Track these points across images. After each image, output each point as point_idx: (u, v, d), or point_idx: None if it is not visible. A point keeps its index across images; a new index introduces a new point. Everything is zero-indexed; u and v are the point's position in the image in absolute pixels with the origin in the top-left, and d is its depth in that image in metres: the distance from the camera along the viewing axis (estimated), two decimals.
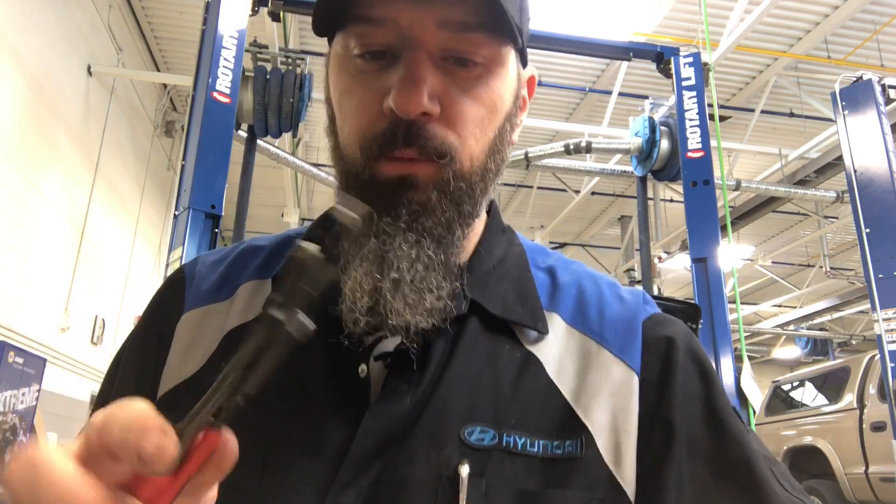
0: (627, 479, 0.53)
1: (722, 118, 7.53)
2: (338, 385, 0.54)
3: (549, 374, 0.56)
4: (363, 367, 0.54)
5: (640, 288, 0.67)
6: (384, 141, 0.54)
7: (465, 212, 0.56)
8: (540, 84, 6.46)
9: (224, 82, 4.08)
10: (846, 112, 4.91)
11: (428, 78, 0.53)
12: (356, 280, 0.53)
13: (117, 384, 0.64)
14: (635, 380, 0.56)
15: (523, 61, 0.62)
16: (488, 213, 0.66)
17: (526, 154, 6.30)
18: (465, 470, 0.50)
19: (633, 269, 9.35)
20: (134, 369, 0.64)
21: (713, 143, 4.82)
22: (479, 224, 0.63)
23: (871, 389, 5.98)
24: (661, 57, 5.28)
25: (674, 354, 0.58)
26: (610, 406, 0.55)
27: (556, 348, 0.58)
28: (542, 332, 0.58)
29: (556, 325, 0.59)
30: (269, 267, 0.64)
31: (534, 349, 0.57)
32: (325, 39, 0.60)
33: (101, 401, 0.64)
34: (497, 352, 0.56)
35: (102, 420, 0.34)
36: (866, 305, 9.98)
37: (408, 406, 0.52)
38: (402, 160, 0.54)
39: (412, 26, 0.52)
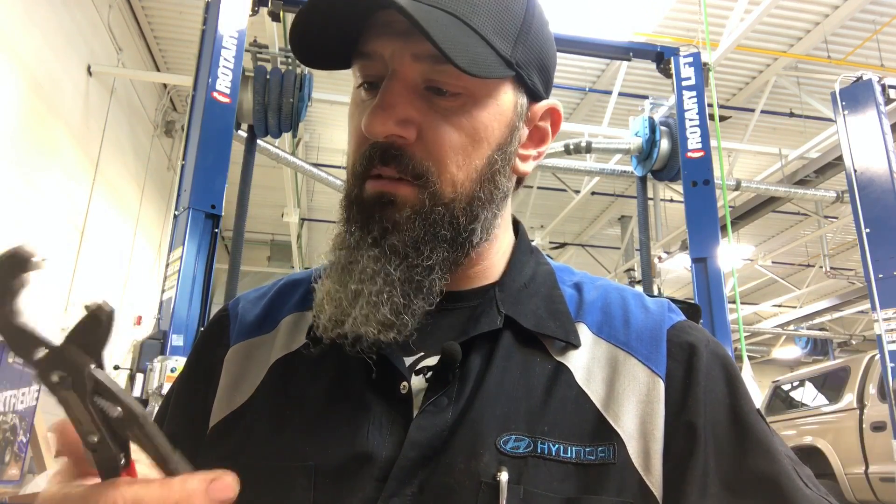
0: (656, 483, 0.55)
1: (722, 118, 7.54)
2: (381, 400, 0.58)
3: (578, 382, 0.58)
4: (405, 384, 0.58)
5: (664, 297, 0.68)
6: (365, 160, 0.58)
7: (440, 236, 0.58)
8: None
9: (224, 82, 4.08)
10: (846, 112, 4.91)
11: (398, 105, 0.56)
12: (324, 290, 0.59)
13: (168, 422, 0.68)
14: (661, 386, 0.58)
15: (530, 91, 0.63)
16: (516, 235, 0.70)
17: None
18: (504, 477, 0.52)
19: (633, 269, 9.36)
20: (183, 406, 0.68)
21: (713, 143, 4.82)
22: (508, 245, 0.68)
23: (871, 389, 5.97)
24: (661, 57, 5.29)
25: (697, 360, 0.59)
26: (639, 412, 0.57)
27: (584, 358, 0.60)
28: (575, 344, 0.60)
29: (584, 335, 0.61)
30: (308, 299, 0.68)
31: (563, 359, 0.59)
32: None
33: None
34: (529, 363, 0.59)
35: None
36: (866, 305, 9.97)
37: (449, 418, 0.56)
38: (384, 179, 0.58)
39: (393, 58, 0.57)
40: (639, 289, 0.70)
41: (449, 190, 0.58)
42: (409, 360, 0.59)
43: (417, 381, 0.58)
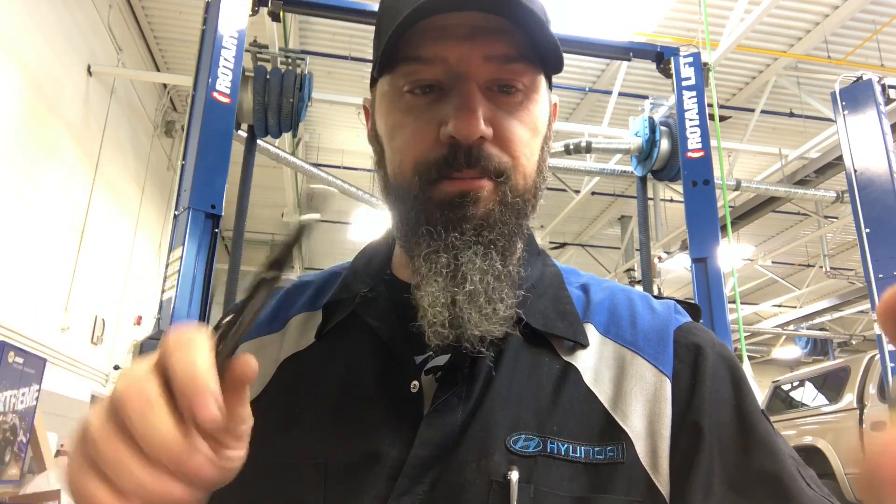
0: (664, 482, 0.55)
1: (722, 118, 7.54)
2: (391, 399, 0.58)
3: (586, 382, 0.59)
4: (415, 382, 0.58)
5: (671, 299, 0.69)
6: (444, 165, 0.58)
7: (522, 225, 0.61)
8: None
9: (224, 82, 4.08)
10: (846, 112, 4.91)
11: (481, 105, 0.57)
12: (433, 295, 0.57)
13: None
14: (668, 385, 0.59)
15: (550, 87, 0.67)
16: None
17: None
18: (514, 475, 0.53)
19: (633, 269, 9.35)
20: None
21: (713, 143, 4.82)
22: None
23: (871, 389, 5.97)
24: (661, 57, 5.28)
25: (703, 361, 0.60)
26: (646, 412, 0.57)
27: (591, 358, 0.61)
28: (584, 344, 0.61)
29: (591, 335, 0.62)
30: (317, 300, 0.69)
31: (571, 359, 0.60)
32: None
33: None
34: (538, 363, 0.60)
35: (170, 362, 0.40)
36: (866, 305, 9.99)
37: (459, 417, 0.56)
38: (463, 179, 0.58)
39: (460, 62, 0.57)
40: (639, 289, 0.72)
41: (522, 182, 0.60)
42: (418, 359, 0.60)
43: (427, 381, 0.59)
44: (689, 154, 4.86)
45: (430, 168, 0.58)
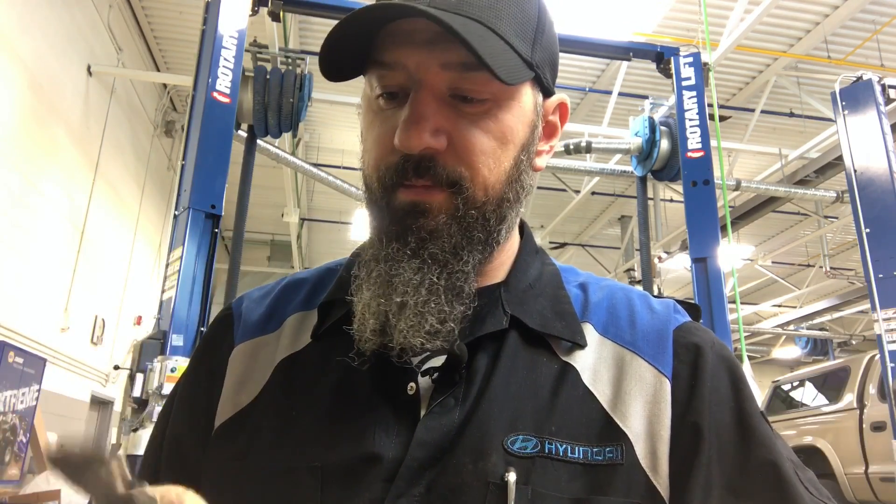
0: (663, 483, 0.55)
1: (722, 118, 7.54)
2: (388, 401, 0.58)
3: (585, 382, 0.58)
4: (412, 384, 0.58)
5: (670, 298, 0.68)
6: (396, 172, 0.57)
7: (475, 238, 0.59)
8: None
9: (224, 82, 4.08)
10: (846, 112, 4.91)
11: (430, 116, 0.56)
12: (365, 302, 0.57)
13: (172, 422, 0.69)
14: (667, 386, 0.58)
15: (545, 90, 0.64)
16: (521, 235, 0.70)
17: None
18: (512, 477, 0.52)
19: (633, 269, 9.35)
20: (188, 407, 0.68)
21: (713, 143, 4.83)
22: (514, 246, 0.68)
23: (871, 389, 5.97)
24: (661, 57, 5.28)
25: (702, 361, 0.60)
26: (646, 413, 0.57)
27: (590, 358, 0.60)
28: (581, 344, 0.60)
29: (590, 335, 0.62)
30: (312, 299, 0.68)
31: (569, 359, 0.60)
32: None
33: (156, 441, 0.69)
34: (536, 364, 0.59)
35: None
36: (866, 305, 9.97)
37: (456, 419, 0.56)
38: (417, 187, 0.57)
39: (418, 69, 0.56)
40: (638, 288, 0.70)
41: (481, 194, 0.58)
42: (415, 361, 0.59)
43: (424, 382, 0.58)
44: (689, 154, 4.86)
45: (386, 174, 0.58)
